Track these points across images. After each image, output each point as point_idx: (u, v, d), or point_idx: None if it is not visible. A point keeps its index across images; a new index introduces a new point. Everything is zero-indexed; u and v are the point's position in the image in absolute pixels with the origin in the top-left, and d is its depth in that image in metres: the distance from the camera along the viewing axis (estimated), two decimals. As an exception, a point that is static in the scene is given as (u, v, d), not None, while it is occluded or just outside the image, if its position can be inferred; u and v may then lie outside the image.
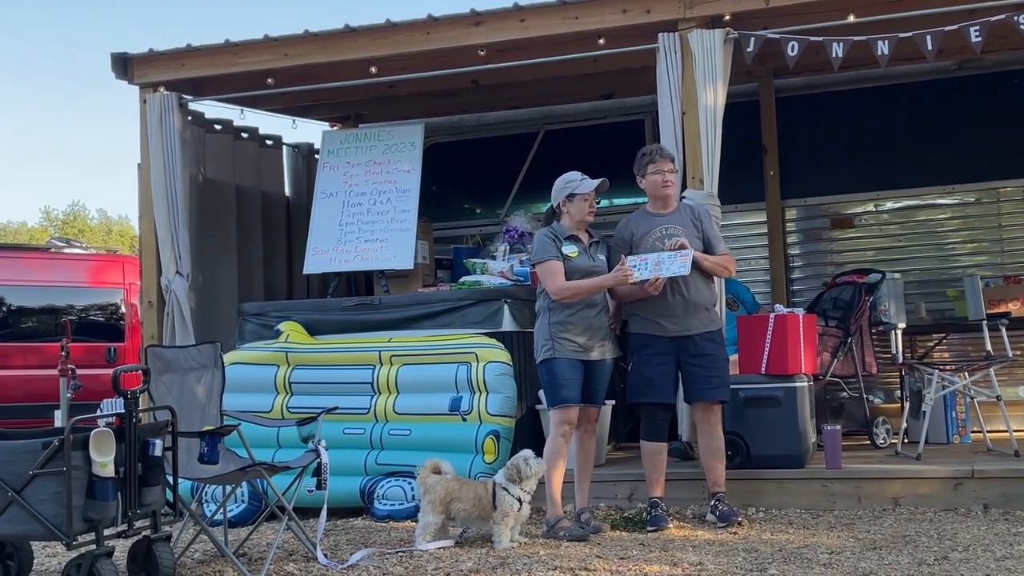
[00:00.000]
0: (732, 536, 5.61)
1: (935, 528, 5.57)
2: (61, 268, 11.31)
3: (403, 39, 7.53)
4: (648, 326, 5.90)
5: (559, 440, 5.80)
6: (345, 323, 7.46)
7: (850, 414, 8.05)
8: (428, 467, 5.75)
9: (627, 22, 7.07)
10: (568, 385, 5.76)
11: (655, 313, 5.87)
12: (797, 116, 9.16)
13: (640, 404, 5.99)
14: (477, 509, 5.58)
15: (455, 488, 5.63)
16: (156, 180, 7.88)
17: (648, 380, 5.88)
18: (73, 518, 4.40)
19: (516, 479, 5.54)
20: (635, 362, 5.96)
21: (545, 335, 5.82)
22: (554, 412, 5.83)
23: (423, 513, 5.68)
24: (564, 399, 5.77)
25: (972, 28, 6.35)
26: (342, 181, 8.40)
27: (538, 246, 5.89)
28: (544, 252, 5.83)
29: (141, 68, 8.03)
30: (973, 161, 8.73)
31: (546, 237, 5.88)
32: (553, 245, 5.82)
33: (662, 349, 5.87)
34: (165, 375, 5.41)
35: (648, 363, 5.89)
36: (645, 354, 5.90)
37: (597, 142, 9.52)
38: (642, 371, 5.91)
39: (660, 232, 5.90)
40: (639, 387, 5.94)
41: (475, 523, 5.70)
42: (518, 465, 5.56)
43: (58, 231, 37.45)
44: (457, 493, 5.61)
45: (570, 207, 5.91)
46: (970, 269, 8.59)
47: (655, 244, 5.87)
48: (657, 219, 5.98)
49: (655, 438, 5.96)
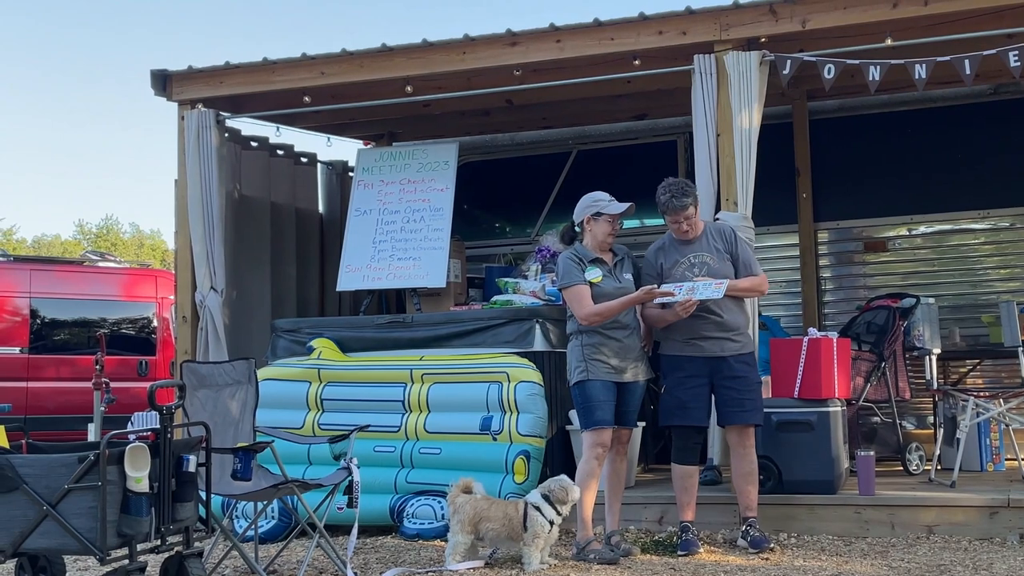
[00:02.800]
0: (763, 562, 5.57)
1: (970, 557, 5.51)
2: (95, 281, 11.42)
3: (439, 59, 7.56)
4: (682, 348, 5.87)
5: (593, 463, 5.77)
6: (377, 340, 7.48)
7: (883, 440, 7.98)
8: (459, 486, 5.74)
9: (663, 43, 7.08)
10: (602, 407, 5.73)
11: (689, 335, 5.84)
12: (831, 138, 9.13)
13: (673, 427, 5.95)
14: (507, 529, 5.56)
15: (484, 508, 5.61)
16: (193, 196, 7.95)
17: (682, 403, 5.84)
18: (107, 533, 4.42)
19: (559, 500, 5.51)
20: (669, 384, 5.92)
21: (578, 357, 5.80)
22: (588, 434, 5.79)
23: (452, 533, 5.66)
24: (598, 421, 5.73)
25: (1011, 52, 6.31)
26: (376, 199, 8.44)
27: (563, 270, 5.87)
28: (570, 277, 5.80)
29: (180, 85, 8.11)
30: (1007, 186, 8.66)
31: (570, 261, 5.85)
32: (578, 269, 5.80)
33: (696, 371, 5.84)
34: (200, 391, 5.45)
35: (682, 385, 5.85)
36: (679, 376, 5.87)
37: (629, 163, 9.52)
38: (676, 394, 5.87)
39: (688, 262, 5.89)
40: (673, 410, 5.89)
41: (504, 543, 5.68)
42: (557, 488, 5.54)
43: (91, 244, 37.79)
44: (486, 513, 5.59)
45: (593, 226, 5.89)
46: (1004, 295, 8.51)
47: (684, 274, 5.85)
48: (684, 248, 5.94)
49: (687, 461, 5.92)
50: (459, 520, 5.61)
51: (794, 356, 6.55)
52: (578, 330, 5.84)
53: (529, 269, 8.16)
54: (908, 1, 6.55)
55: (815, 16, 6.77)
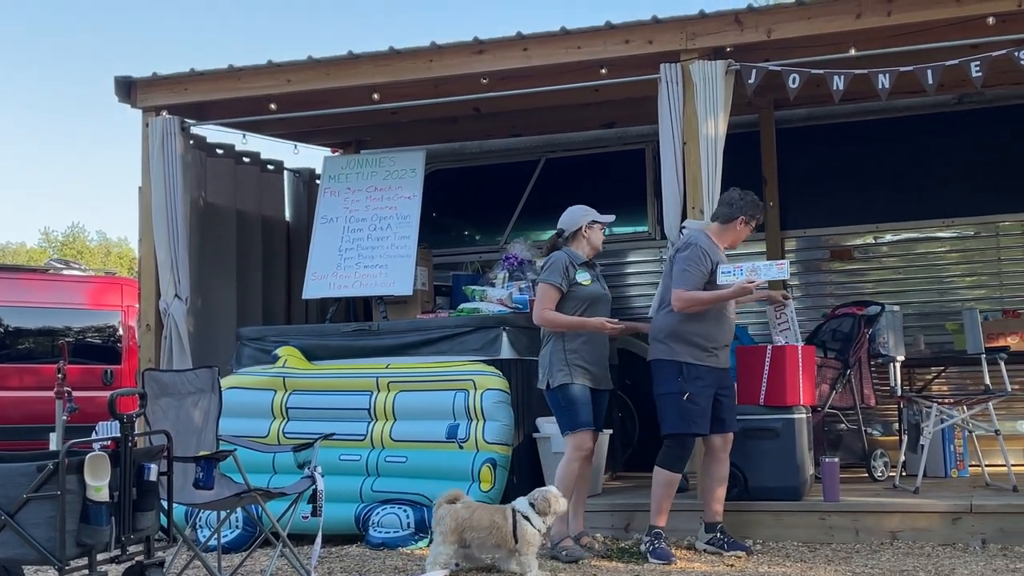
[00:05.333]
0: (729, 568, 5.59)
1: (933, 563, 5.54)
2: (59, 290, 11.30)
3: (406, 66, 7.55)
4: (705, 357, 5.89)
5: (575, 464, 5.87)
6: (343, 349, 7.45)
7: (848, 446, 8.02)
8: (445, 497, 5.63)
9: (629, 52, 7.10)
10: (585, 410, 5.86)
11: (715, 344, 5.91)
12: (797, 147, 9.17)
13: (681, 435, 5.91)
14: (494, 537, 5.47)
15: (465, 516, 5.50)
16: (157, 203, 7.89)
17: (703, 411, 5.87)
18: (66, 543, 4.36)
19: (542, 512, 5.49)
20: (692, 392, 5.84)
21: (560, 360, 5.88)
22: (572, 436, 5.88)
23: (434, 544, 5.57)
24: (584, 423, 5.86)
25: (973, 63, 6.37)
26: (342, 207, 8.41)
27: (551, 267, 5.98)
28: (553, 276, 5.93)
29: (144, 92, 8.05)
30: (973, 194, 8.73)
31: (561, 262, 5.98)
32: (564, 273, 5.92)
33: (712, 381, 5.92)
34: (162, 399, 5.40)
35: (703, 395, 5.87)
36: (701, 385, 5.87)
37: (598, 171, 9.53)
38: (700, 403, 5.85)
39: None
40: (692, 417, 5.84)
41: (491, 551, 5.60)
42: (541, 499, 5.51)
43: (57, 252, 37.43)
44: (469, 521, 5.49)
45: (590, 233, 6.10)
46: (969, 302, 8.57)
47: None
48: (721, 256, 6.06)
49: (677, 469, 5.95)
50: (441, 531, 5.51)
51: (759, 363, 6.58)
52: (559, 333, 5.92)
53: (496, 277, 8.15)
54: (872, 12, 6.60)
55: (780, 26, 6.82)
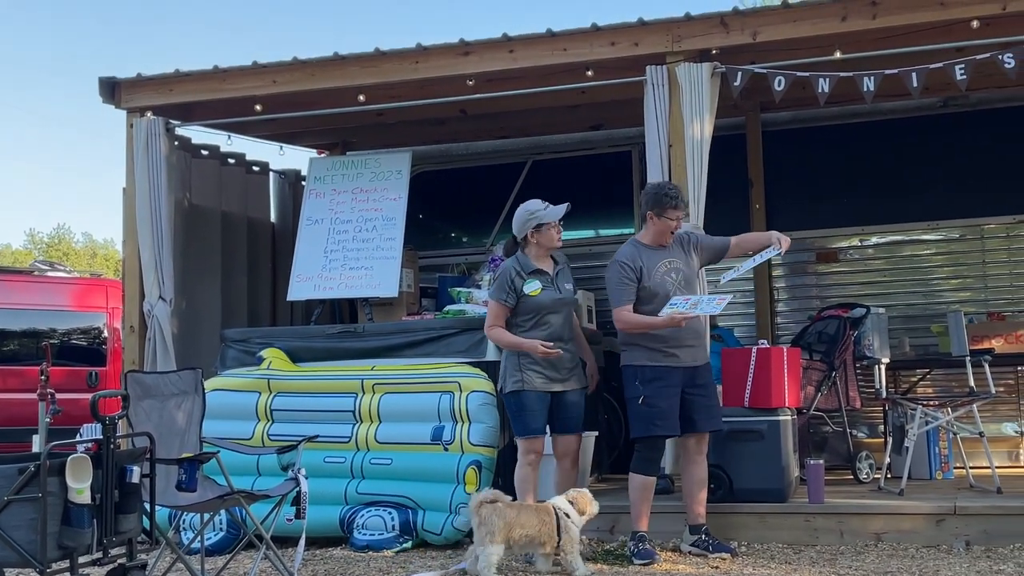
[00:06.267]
0: (714, 570, 5.58)
1: (917, 565, 5.54)
2: (44, 291, 11.26)
3: (392, 68, 7.54)
4: (660, 358, 5.85)
5: (527, 468, 5.94)
6: (328, 351, 7.42)
7: (833, 448, 8.03)
8: (483, 497, 5.55)
9: (615, 54, 7.10)
10: (535, 416, 5.88)
11: (669, 344, 5.84)
12: (783, 150, 9.19)
13: (645, 437, 5.91)
14: (542, 535, 5.48)
15: (513, 515, 5.47)
16: (141, 204, 7.85)
17: (663, 413, 5.81)
18: (47, 545, 4.33)
19: (584, 510, 5.58)
20: (648, 394, 5.83)
21: (514, 366, 5.89)
22: (521, 441, 5.94)
23: (481, 544, 5.44)
24: (532, 430, 5.89)
25: (958, 66, 6.39)
26: (328, 208, 8.39)
27: (498, 284, 5.98)
28: (499, 292, 5.94)
29: (129, 92, 8.02)
30: (958, 197, 8.77)
31: (507, 275, 5.92)
32: (510, 287, 5.89)
33: (675, 381, 5.86)
34: (144, 401, 5.37)
35: (662, 396, 5.82)
36: (658, 386, 5.83)
37: (585, 173, 9.53)
38: (657, 404, 5.82)
39: (666, 266, 5.93)
40: (652, 420, 5.82)
41: (530, 549, 5.59)
42: (586, 498, 5.63)
43: (43, 254, 37.31)
44: (517, 520, 5.46)
45: (539, 237, 5.96)
46: (954, 305, 8.61)
47: (664, 277, 5.89)
48: (660, 253, 5.96)
49: (650, 472, 5.94)
50: (489, 531, 5.41)
51: (744, 365, 6.59)
52: None
53: (482, 279, 8.14)
54: (857, 14, 6.62)
55: (765, 28, 6.83)
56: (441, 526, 6.49)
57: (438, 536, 6.50)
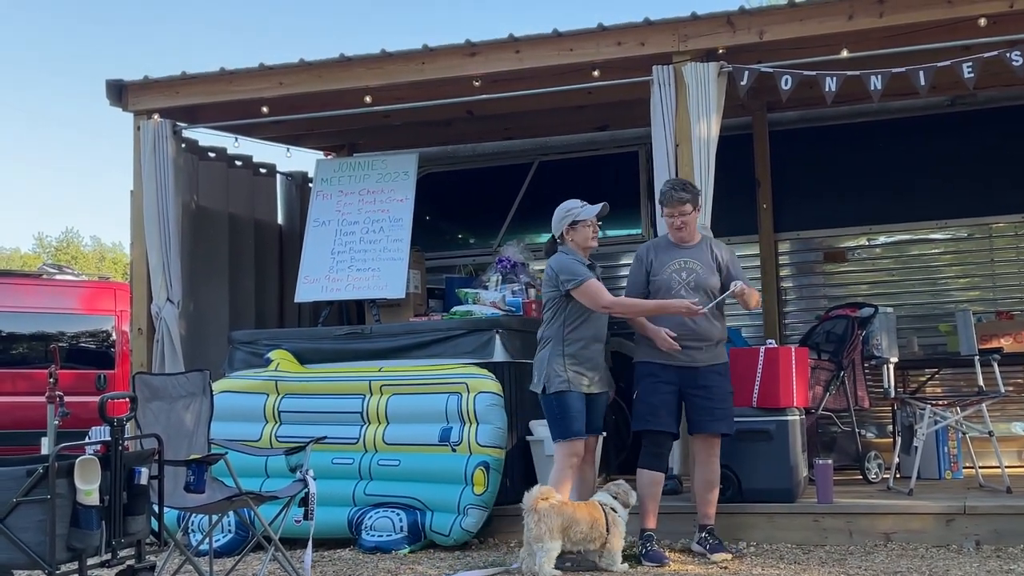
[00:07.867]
0: (723, 571, 5.57)
1: (927, 564, 5.52)
2: (52, 294, 11.27)
3: (398, 69, 7.54)
4: (656, 355, 5.88)
5: (567, 471, 5.80)
6: (335, 352, 7.42)
7: (842, 448, 8.01)
8: (539, 495, 5.54)
9: (622, 54, 7.10)
10: (579, 419, 5.78)
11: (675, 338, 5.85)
12: (790, 150, 9.17)
13: (644, 432, 5.93)
14: (594, 531, 5.53)
15: (570, 512, 5.51)
16: (148, 207, 7.87)
17: (655, 408, 5.85)
18: (56, 547, 4.33)
19: (627, 503, 5.67)
20: (641, 390, 5.92)
21: (559, 366, 5.78)
22: (564, 444, 5.80)
23: (539, 541, 5.42)
24: (576, 432, 5.78)
25: (965, 64, 6.37)
26: (335, 210, 8.39)
27: (569, 269, 5.80)
28: (581, 274, 5.77)
29: (136, 95, 8.03)
30: (966, 196, 8.75)
31: (572, 259, 5.85)
32: (583, 265, 5.82)
33: (669, 379, 5.87)
34: (153, 403, 5.37)
35: (655, 391, 5.87)
36: (651, 382, 5.88)
37: (591, 173, 9.52)
38: (649, 399, 5.87)
39: (679, 264, 5.93)
40: (646, 415, 5.89)
41: (582, 546, 5.59)
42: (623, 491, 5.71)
43: (51, 257, 37.42)
44: (573, 517, 5.49)
45: (574, 235, 5.93)
46: (962, 304, 8.58)
47: (671, 276, 5.89)
48: (678, 251, 5.98)
49: (656, 467, 5.94)
50: (548, 528, 5.43)
51: (752, 365, 6.57)
52: (561, 337, 5.82)
53: (490, 280, 8.13)
54: (864, 13, 6.61)
55: (772, 28, 6.82)
56: (449, 527, 6.48)
57: (446, 537, 6.49)
